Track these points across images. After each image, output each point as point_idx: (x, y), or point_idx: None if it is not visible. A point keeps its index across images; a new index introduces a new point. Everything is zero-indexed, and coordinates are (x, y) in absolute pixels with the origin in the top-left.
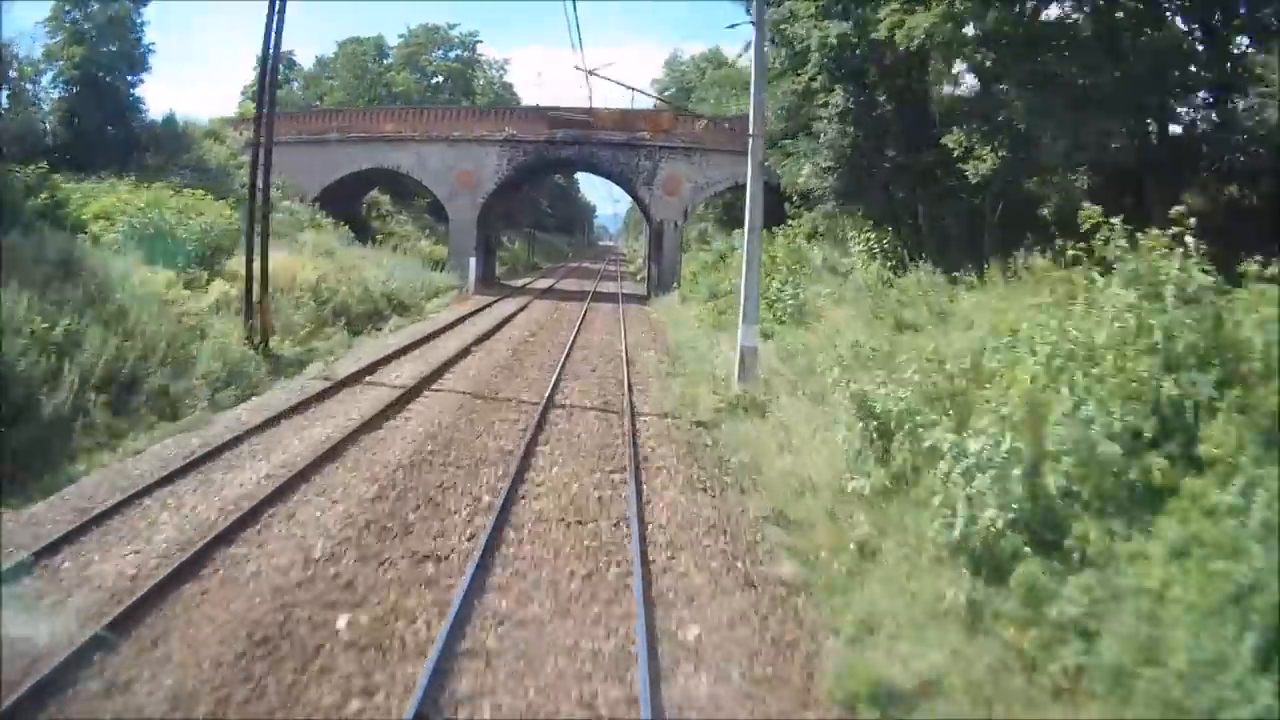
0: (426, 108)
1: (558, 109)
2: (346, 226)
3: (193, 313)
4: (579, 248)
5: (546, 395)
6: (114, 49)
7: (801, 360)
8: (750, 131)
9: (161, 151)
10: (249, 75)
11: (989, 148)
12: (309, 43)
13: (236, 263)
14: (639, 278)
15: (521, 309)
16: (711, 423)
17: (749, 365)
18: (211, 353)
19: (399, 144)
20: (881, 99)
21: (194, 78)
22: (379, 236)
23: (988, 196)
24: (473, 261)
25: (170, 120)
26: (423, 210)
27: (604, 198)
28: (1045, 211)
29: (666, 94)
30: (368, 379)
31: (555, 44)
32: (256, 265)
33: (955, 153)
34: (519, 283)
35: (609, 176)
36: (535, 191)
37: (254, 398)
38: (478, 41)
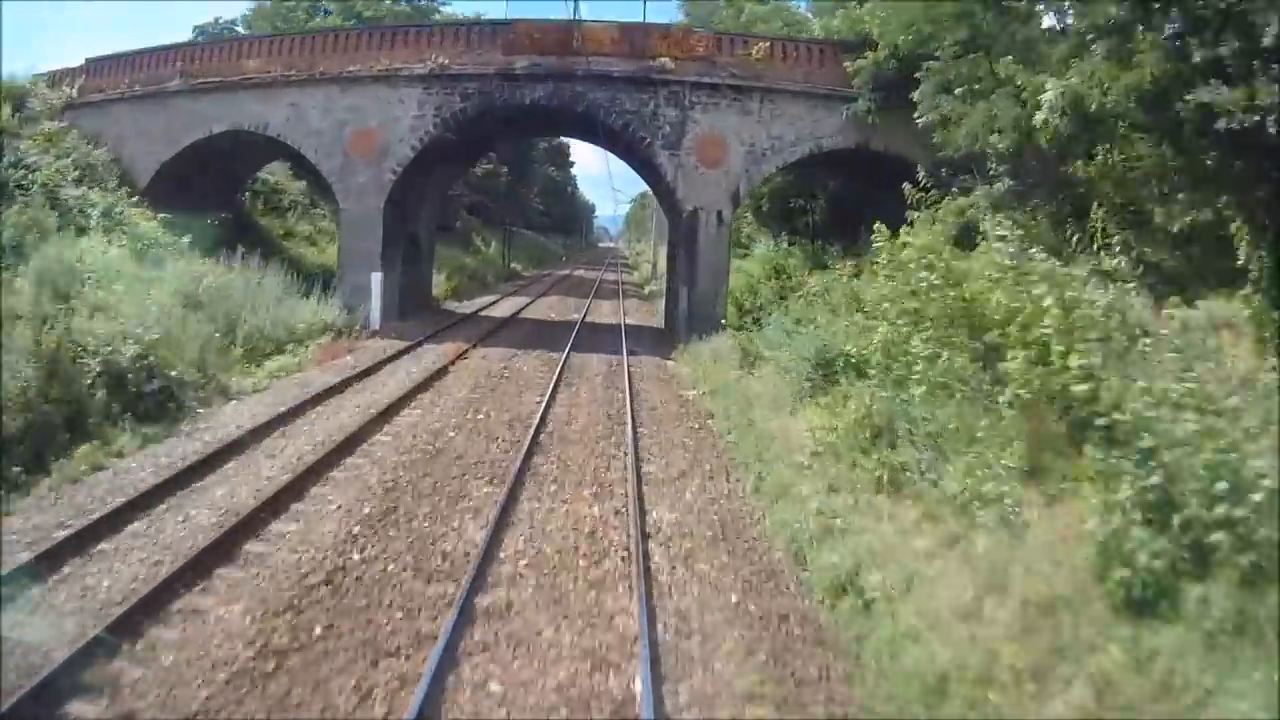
0: (310, 33)
1: (516, 22)
2: (169, 225)
3: None
4: (575, 250)
5: None
6: None
7: None
8: None
9: None
10: None
11: None
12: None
13: None
14: (647, 291)
15: (433, 377)
16: None
17: None
18: None
19: (266, 91)
20: None
21: None
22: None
23: None
24: (377, 279)
25: None
26: None
27: (604, 196)
28: None
29: None
30: None
31: None
32: None
33: None
34: (474, 305)
35: (606, 138)
36: (525, 186)
37: None
38: None
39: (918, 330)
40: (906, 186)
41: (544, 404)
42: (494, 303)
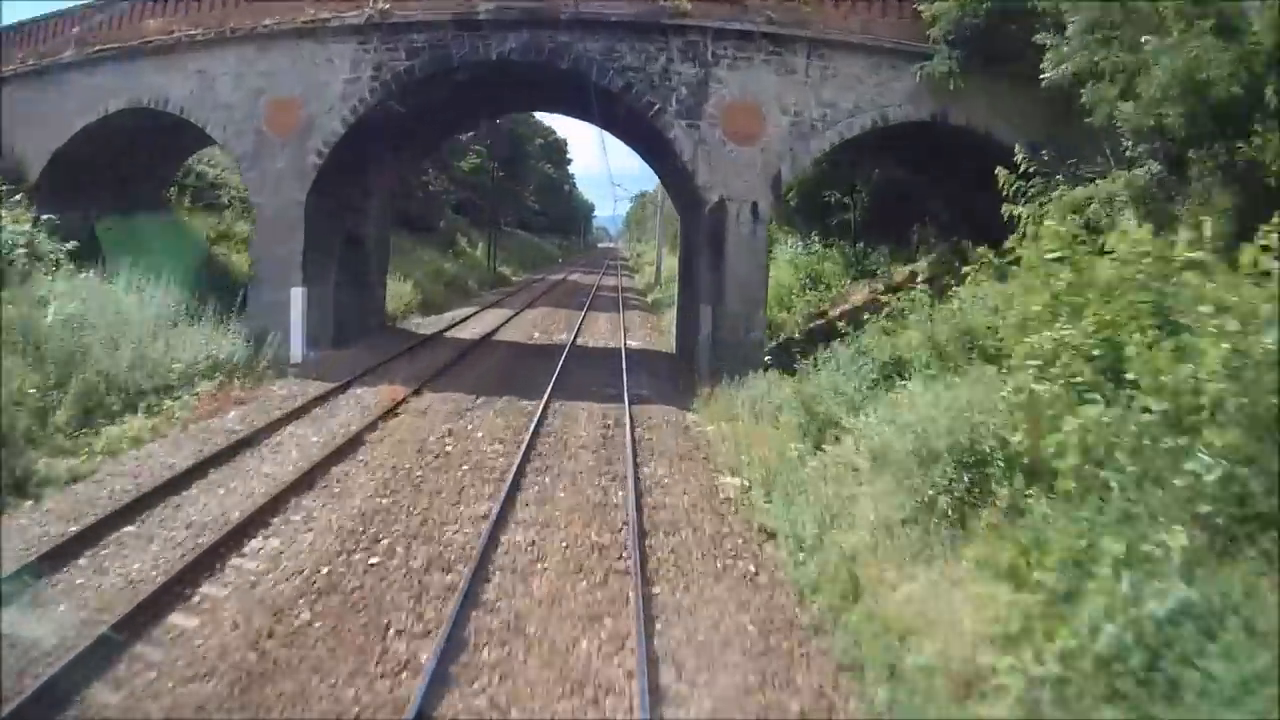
0: None
1: None
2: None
3: None
4: (573, 251)
5: None
6: None
7: None
8: None
9: None
10: None
11: None
12: None
13: None
14: (650, 299)
15: (336, 454)
16: None
17: None
18: None
19: (168, 57)
20: None
21: None
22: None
23: None
24: (298, 296)
25: None
26: None
27: (603, 196)
28: None
29: None
30: None
31: None
32: None
33: None
34: (444, 320)
35: (599, 105)
36: (518, 184)
37: None
38: None
39: (1189, 430)
40: (1001, 172)
41: (493, 520)
42: (468, 318)
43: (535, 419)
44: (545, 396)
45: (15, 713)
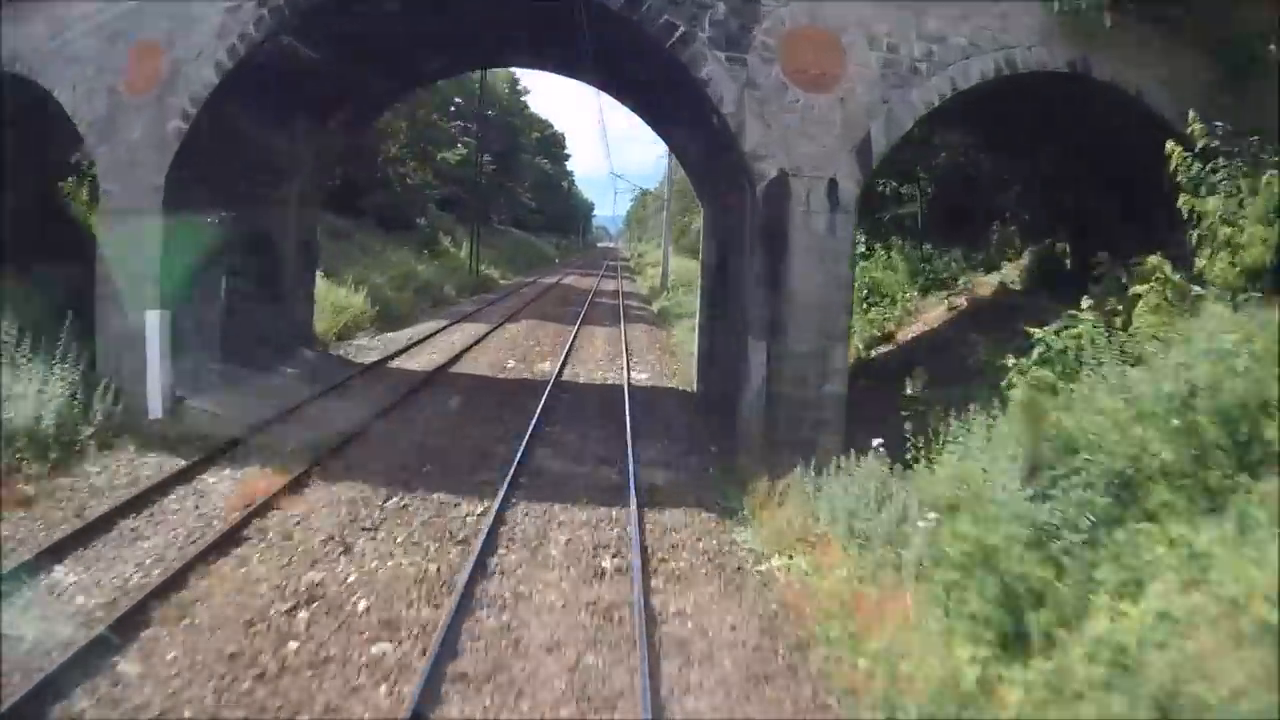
0: None
1: None
2: None
3: None
4: (571, 251)
5: None
6: None
7: None
8: None
9: None
10: None
11: None
12: None
13: None
14: (656, 308)
15: None
16: None
17: None
18: None
19: (17, 5)
20: None
21: None
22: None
23: None
24: (156, 322)
25: None
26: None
27: (603, 194)
28: None
29: None
30: None
31: None
32: None
33: None
34: (400, 339)
35: (595, 33)
36: (512, 179)
37: None
38: None
39: None
40: (1174, 148)
41: None
42: (432, 335)
43: (474, 557)
44: (500, 494)
45: None
